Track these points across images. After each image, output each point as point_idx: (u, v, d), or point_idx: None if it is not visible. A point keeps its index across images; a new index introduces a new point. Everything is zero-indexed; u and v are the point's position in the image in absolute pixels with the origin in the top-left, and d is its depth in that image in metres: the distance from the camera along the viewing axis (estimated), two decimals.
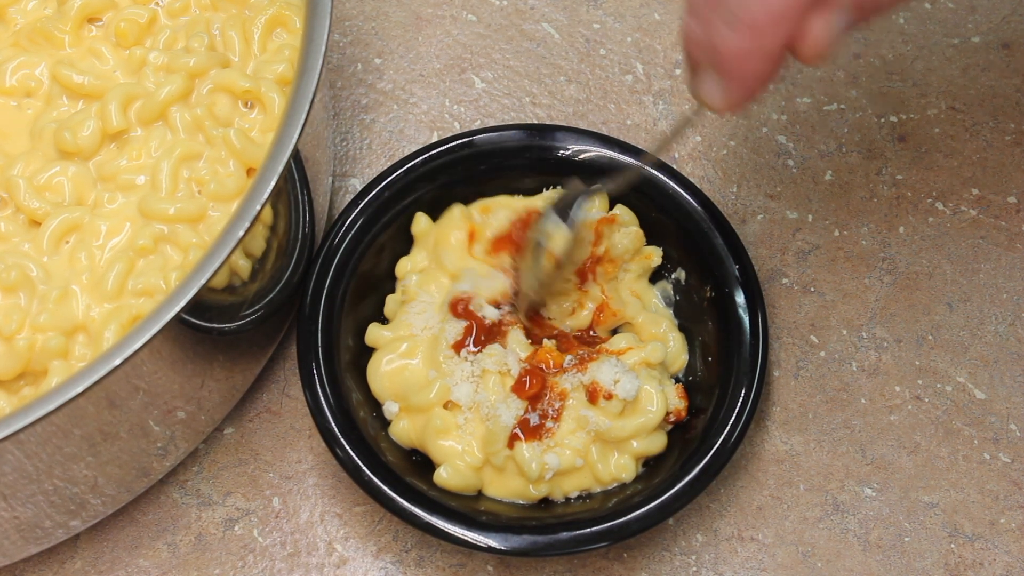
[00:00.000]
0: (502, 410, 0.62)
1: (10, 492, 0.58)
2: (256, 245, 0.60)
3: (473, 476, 0.63)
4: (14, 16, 0.67)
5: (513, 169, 0.69)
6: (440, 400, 0.63)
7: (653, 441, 0.64)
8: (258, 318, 0.64)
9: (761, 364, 0.64)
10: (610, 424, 0.62)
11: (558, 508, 0.64)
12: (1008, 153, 0.74)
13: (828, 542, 0.67)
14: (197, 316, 0.59)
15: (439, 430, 0.63)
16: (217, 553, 0.66)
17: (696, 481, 0.62)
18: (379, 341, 0.66)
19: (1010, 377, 0.70)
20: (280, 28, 0.66)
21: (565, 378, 0.63)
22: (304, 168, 0.63)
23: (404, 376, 0.64)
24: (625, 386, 0.62)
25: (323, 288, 0.65)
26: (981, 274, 0.72)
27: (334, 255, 0.66)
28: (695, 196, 0.67)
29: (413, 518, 0.61)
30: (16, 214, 0.62)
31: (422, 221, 0.68)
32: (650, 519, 0.61)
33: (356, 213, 0.67)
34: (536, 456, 0.62)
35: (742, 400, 0.63)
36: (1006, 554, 0.66)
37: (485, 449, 0.62)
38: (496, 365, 0.63)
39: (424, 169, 0.68)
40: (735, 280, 0.66)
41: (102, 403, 0.57)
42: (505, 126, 0.69)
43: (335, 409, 0.63)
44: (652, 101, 0.76)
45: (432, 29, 0.78)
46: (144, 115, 0.63)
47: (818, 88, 0.76)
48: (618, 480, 0.63)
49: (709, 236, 0.67)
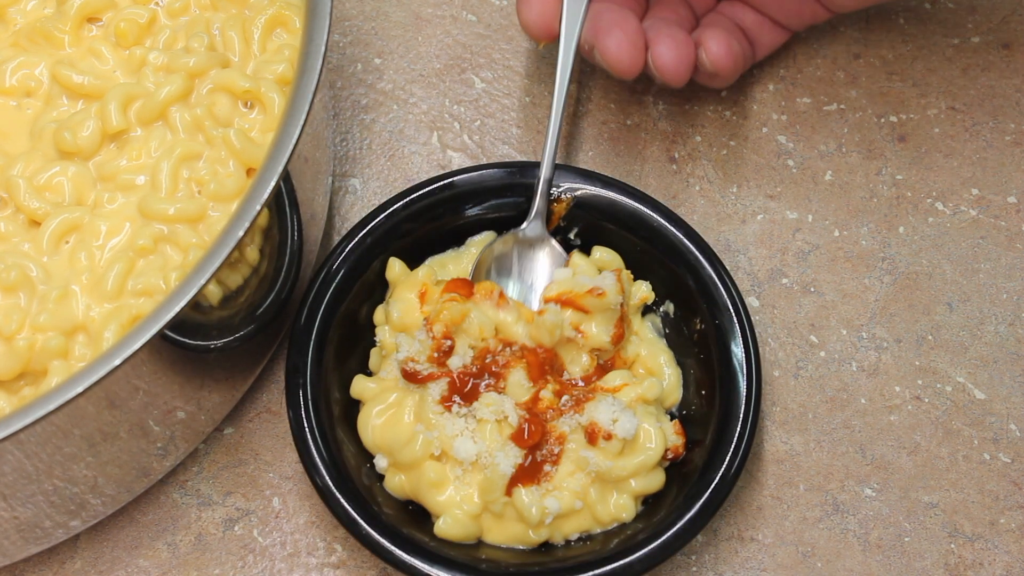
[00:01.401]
0: (500, 458, 0.61)
1: (10, 492, 0.58)
2: (256, 245, 0.60)
3: (473, 525, 0.62)
4: (14, 16, 0.67)
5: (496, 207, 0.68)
6: (426, 454, 0.62)
7: (652, 479, 0.63)
8: (259, 318, 0.64)
9: (756, 397, 0.64)
10: (611, 464, 0.62)
11: (559, 551, 0.63)
12: (1008, 153, 0.74)
13: (828, 542, 0.67)
14: (197, 317, 0.59)
15: (433, 483, 0.62)
16: (217, 553, 0.66)
17: (697, 518, 0.61)
18: (365, 394, 0.65)
19: (1010, 377, 0.70)
20: (280, 28, 0.66)
21: (563, 420, 0.62)
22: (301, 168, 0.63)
23: (392, 431, 0.63)
24: (624, 425, 0.61)
25: (309, 339, 0.64)
26: (981, 274, 0.72)
27: (319, 306, 0.65)
28: (680, 228, 0.67)
29: (413, 570, 0.60)
30: (16, 214, 0.62)
31: (396, 267, 0.67)
32: (653, 559, 0.61)
33: (338, 263, 0.66)
34: (536, 501, 0.61)
35: (739, 433, 0.63)
36: (1006, 554, 0.66)
37: (484, 497, 0.62)
38: (494, 414, 0.62)
39: (406, 213, 0.67)
40: (726, 312, 0.65)
41: (102, 403, 0.57)
42: (485, 165, 0.68)
43: (328, 464, 0.62)
44: (652, 100, 0.76)
45: (432, 29, 0.78)
46: (144, 115, 0.63)
47: (818, 88, 0.76)
48: (618, 520, 0.63)
49: (697, 268, 0.66)
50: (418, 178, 0.74)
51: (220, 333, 0.62)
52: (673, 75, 0.66)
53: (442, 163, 0.74)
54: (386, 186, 0.74)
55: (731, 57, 0.67)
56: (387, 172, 0.74)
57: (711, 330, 0.65)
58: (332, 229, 0.73)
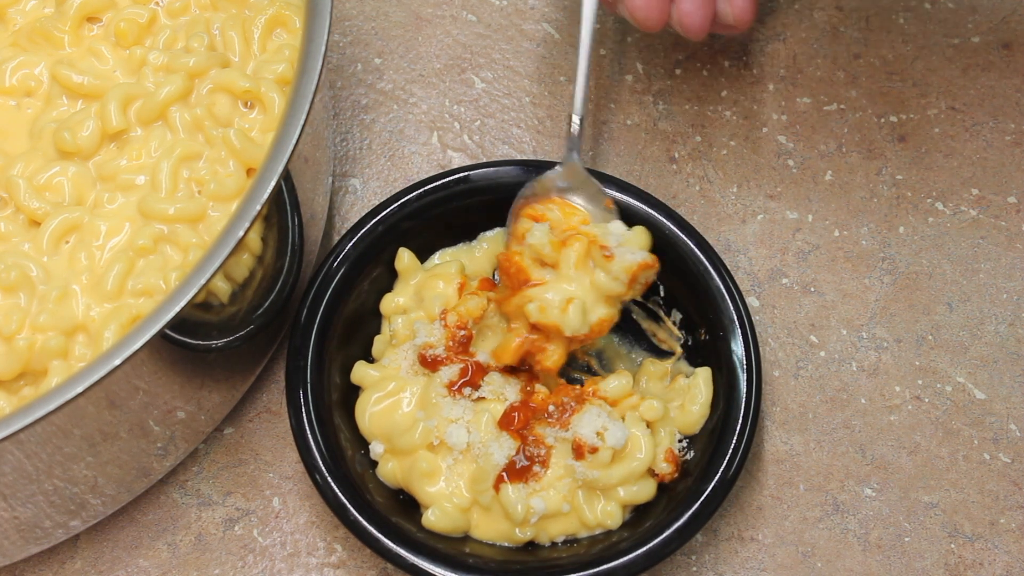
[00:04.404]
0: (494, 448, 0.61)
1: (10, 492, 0.58)
2: (255, 246, 0.60)
3: (461, 518, 0.62)
4: (14, 16, 0.67)
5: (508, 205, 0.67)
6: (424, 442, 0.62)
7: (641, 489, 0.63)
8: (259, 318, 0.64)
9: (756, 397, 0.63)
10: (598, 474, 0.62)
11: (544, 552, 0.63)
12: (1008, 153, 0.74)
13: (828, 542, 0.67)
14: (198, 317, 0.59)
15: (424, 473, 0.62)
16: (217, 553, 0.66)
17: (684, 528, 0.61)
18: (365, 380, 0.65)
19: (1010, 377, 0.70)
20: (280, 28, 0.66)
21: (548, 432, 0.62)
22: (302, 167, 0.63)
23: (391, 417, 0.63)
24: (615, 434, 0.61)
25: (313, 325, 0.64)
26: (981, 274, 0.72)
27: (323, 294, 0.65)
28: (691, 236, 0.66)
29: (398, 559, 0.60)
30: (16, 214, 0.62)
31: (405, 257, 0.67)
32: (636, 566, 0.61)
33: (349, 248, 0.66)
34: (521, 498, 0.61)
35: (739, 433, 0.63)
36: (1006, 554, 0.66)
37: (473, 487, 0.62)
38: (493, 394, 0.63)
39: (418, 204, 0.67)
40: (732, 324, 0.65)
41: (102, 403, 0.57)
42: (501, 162, 0.68)
43: (323, 448, 0.62)
44: (652, 100, 0.76)
45: (432, 29, 0.78)
46: (144, 115, 0.63)
47: (818, 88, 0.76)
48: (603, 526, 0.63)
49: (705, 278, 0.66)
50: (418, 178, 0.73)
51: (220, 333, 0.62)
52: (698, 30, 0.66)
53: (442, 163, 0.74)
54: (386, 186, 0.74)
55: (754, 10, 0.66)
56: (387, 172, 0.74)
57: (714, 341, 0.65)
58: (332, 229, 0.73)
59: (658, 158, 0.74)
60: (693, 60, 0.76)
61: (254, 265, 0.61)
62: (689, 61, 0.76)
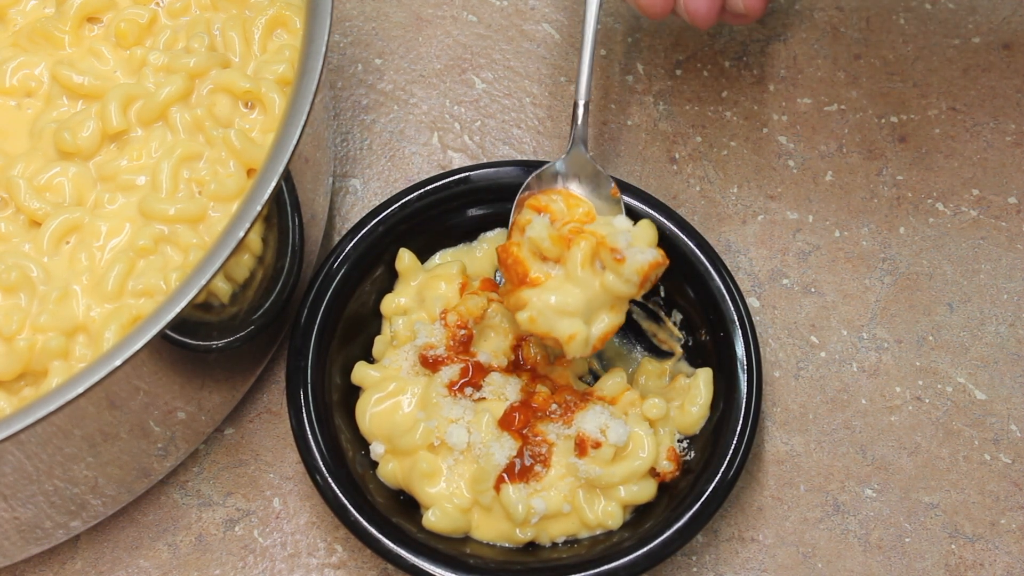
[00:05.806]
0: (495, 448, 0.61)
1: (10, 492, 0.58)
2: (256, 247, 0.60)
3: (461, 519, 0.62)
4: (14, 16, 0.67)
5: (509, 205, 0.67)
6: (425, 443, 0.62)
7: (642, 489, 0.63)
8: (260, 319, 0.64)
9: (756, 397, 0.63)
10: (600, 472, 0.62)
11: (544, 552, 0.63)
12: (1008, 153, 0.74)
13: (829, 543, 0.67)
14: (198, 317, 0.59)
15: (425, 474, 0.62)
16: (217, 554, 0.66)
17: (685, 529, 0.61)
18: (366, 381, 0.65)
19: (1010, 378, 0.70)
20: (280, 28, 0.66)
21: (550, 428, 0.62)
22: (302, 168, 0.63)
23: (392, 418, 0.63)
24: (617, 431, 0.61)
25: (313, 326, 0.64)
26: (981, 275, 0.72)
27: (324, 294, 0.65)
28: (692, 237, 0.66)
29: (399, 560, 0.61)
30: (16, 214, 0.62)
31: (406, 257, 0.67)
32: (637, 566, 0.61)
33: (349, 249, 0.66)
34: (522, 498, 0.61)
35: (739, 433, 0.63)
36: (1007, 555, 0.66)
37: (473, 487, 0.62)
38: (494, 394, 0.63)
39: (419, 204, 0.67)
40: (732, 325, 0.65)
41: (102, 404, 0.57)
42: (502, 162, 0.68)
43: (323, 449, 0.63)
44: (652, 101, 0.76)
45: (432, 29, 0.78)
46: (144, 115, 0.63)
47: (819, 88, 0.76)
48: (604, 527, 0.63)
49: (705, 278, 0.66)
50: (418, 178, 0.74)
51: (221, 333, 0.62)
52: (704, 17, 0.65)
53: (442, 163, 0.74)
54: (386, 186, 0.74)
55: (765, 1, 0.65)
56: (387, 172, 0.74)
57: (715, 342, 0.65)
58: (332, 229, 0.73)
59: (658, 158, 0.74)
60: (693, 61, 0.76)
61: (254, 266, 0.61)
62: (689, 62, 0.76)
